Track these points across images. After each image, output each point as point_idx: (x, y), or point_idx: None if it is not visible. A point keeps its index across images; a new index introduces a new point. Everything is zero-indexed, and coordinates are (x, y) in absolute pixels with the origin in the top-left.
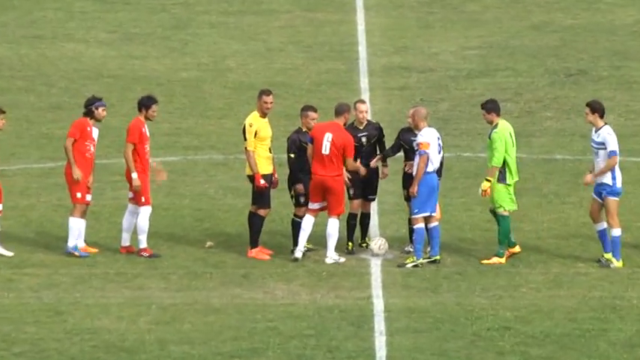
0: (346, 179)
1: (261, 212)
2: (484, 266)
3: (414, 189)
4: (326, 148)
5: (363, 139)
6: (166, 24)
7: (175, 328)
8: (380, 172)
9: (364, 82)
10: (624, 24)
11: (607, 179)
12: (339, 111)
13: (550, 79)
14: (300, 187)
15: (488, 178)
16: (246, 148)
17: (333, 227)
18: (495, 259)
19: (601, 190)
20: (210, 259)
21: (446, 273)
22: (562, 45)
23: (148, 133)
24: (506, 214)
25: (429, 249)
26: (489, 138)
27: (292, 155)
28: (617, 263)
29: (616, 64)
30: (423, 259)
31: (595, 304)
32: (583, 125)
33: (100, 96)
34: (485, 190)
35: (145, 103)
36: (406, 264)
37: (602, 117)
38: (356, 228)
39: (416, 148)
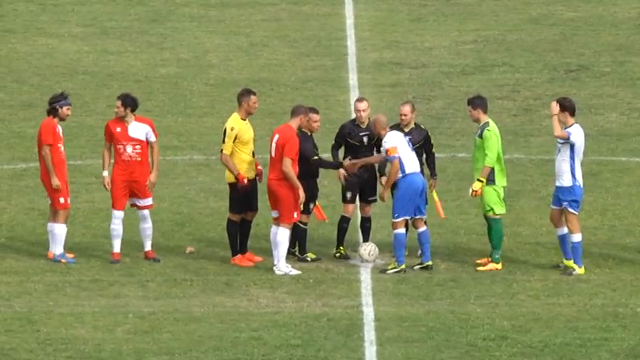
0: (341, 177)
1: (233, 217)
2: (479, 273)
3: (384, 194)
4: (273, 150)
5: (365, 139)
6: (144, 17)
7: (154, 338)
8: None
9: (353, 79)
10: (627, 17)
11: (566, 180)
12: (295, 113)
13: (549, 75)
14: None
15: (480, 178)
16: (222, 150)
17: (282, 236)
18: (491, 266)
19: (558, 194)
20: (190, 265)
21: (439, 280)
22: (562, 39)
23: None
24: (497, 217)
25: (419, 253)
26: (480, 137)
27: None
28: (579, 270)
29: (619, 60)
30: (415, 265)
31: (596, 313)
32: (584, 124)
33: (65, 92)
34: (476, 191)
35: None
36: (387, 270)
37: (572, 115)
38: (346, 232)
39: (384, 155)
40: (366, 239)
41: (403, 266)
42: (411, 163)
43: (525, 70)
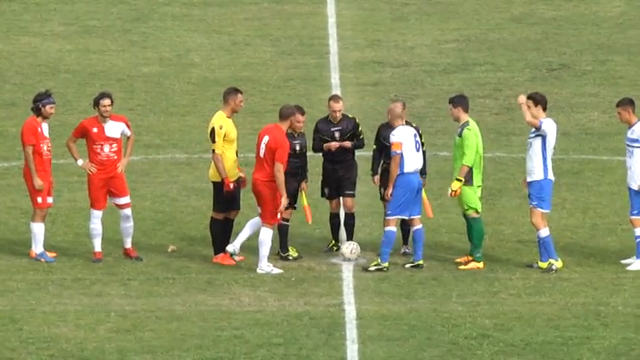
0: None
1: (216, 215)
2: (461, 271)
3: (389, 192)
4: (261, 151)
5: (337, 134)
6: (126, 16)
7: (136, 337)
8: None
9: (335, 78)
10: (609, 16)
11: (537, 174)
12: (284, 115)
13: (531, 74)
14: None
15: (459, 177)
16: (214, 151)
17: (264, 235)
18: (473, 264)
19: (529, 189)
20: (172, 264)
21: (421, 278)
22: (544, 38)
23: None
24: (477, 215)
25: (402, 251)
26: (459, 136)
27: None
28: (557, 263)
29: (600, 59)
30: (406, 263)
31: (578, 311)
32: (566, 123)
33: (51, 91)
34: (456, 191)
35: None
36: (369, 268)
37: (544, 109)
38: (340, 227)
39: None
40: (349, 237)
41: (386, 264)
42: (412, 162)
43: (507, 68)
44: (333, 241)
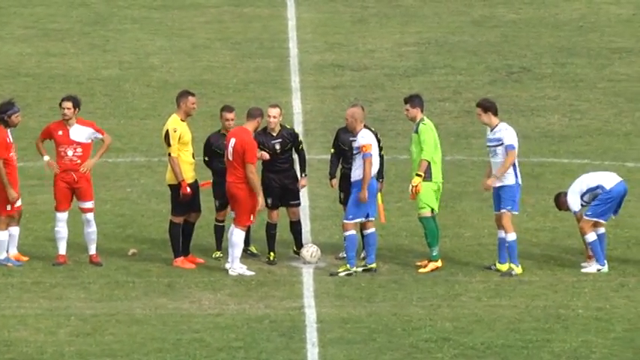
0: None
1: (175, 219)
2: (421, 275)
3: (365, 194)
4: (230, 154)
5: (277, 146)
6: (86, 19)
7: (96, 340)
8: (299, 180)
9: (295, 81)
10: (570, 19)
11: (509, 179)
12: (251, 115)
13: (491, 77)
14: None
15: (419, 172)
16: (169, 154)
17: (237, 237)
18: (432, 265)
19: (500, 193)
20: (132, 267)
21: (381, 282)
22: (503, 41)
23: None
24: (428, 214)
25: (362, 255)
26: (415, 132)
27: (207, 159)
28: (517, 269)
29: (560, 61)
30: (358, 267)
31: (538, 314)
32: (526, 126)
33: (12, 99)
34: (416, 186)
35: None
36: (339, 272)
37: (495, 114)
38: (276, 238)
39: (357, 151)
40: (298, 243)
41: (355, 268)
42: (375, 165)
43: (467, 72)
44: (272, 254)
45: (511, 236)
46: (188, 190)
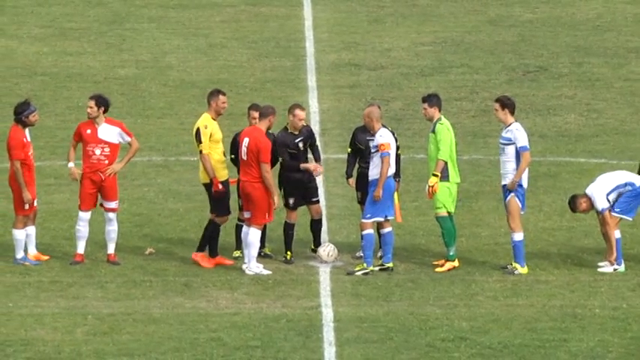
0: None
1: (219, 220)
2: (438, 274)
3: (379, 192)
4: (244, 153)
5: (300, 144)
6: (103, 18)
7: (113, 339)
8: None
9: (312, 80)
10: (586, 18)
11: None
12: (264, 114)
13: (508, 76)
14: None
15: (436, 172)
16: (201, 151)
17: (253, 236)
18: (448, 265)
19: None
20: (149, 266)
21: (398, 281)
22: (520, 40)
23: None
24: (445, 214)
25: (379, 254)
26: (433, 132)
27: (233, 157)
28: (521, 270)
29: (577, 61)
30: (375, 266)
31: (555, 314)
32: (543, 125)
33: (28, 99)
34: (433, 186)
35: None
36: (356, 271)
37: (512, 113)
38: (293, 237)
39: (374, 150)
40: (317, 241)
41: (372, 267)
42: (393, 164)
43: (484, 71)
44: (289, 253)
45: (517, 236)
46: (220, 186)
